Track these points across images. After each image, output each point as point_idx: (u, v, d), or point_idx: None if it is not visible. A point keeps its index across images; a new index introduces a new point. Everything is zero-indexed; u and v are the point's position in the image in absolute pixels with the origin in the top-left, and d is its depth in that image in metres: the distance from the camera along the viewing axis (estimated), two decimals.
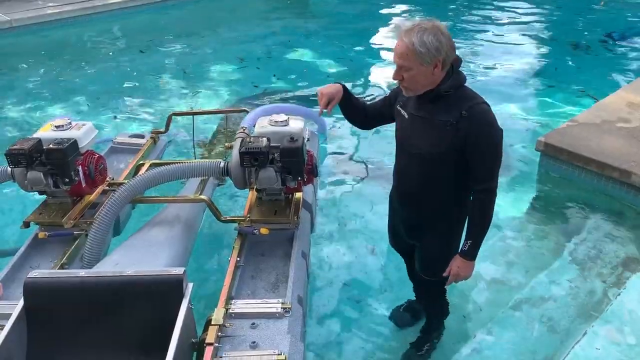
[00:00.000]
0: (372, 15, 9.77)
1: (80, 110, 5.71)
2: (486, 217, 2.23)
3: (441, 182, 2.24)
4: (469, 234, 2.28)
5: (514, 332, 2.95)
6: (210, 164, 2.59)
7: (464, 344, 2.89)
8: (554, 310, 3.07)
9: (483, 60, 7.26)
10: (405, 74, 2.07)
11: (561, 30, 8.66)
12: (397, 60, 2.06)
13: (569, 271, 3.37)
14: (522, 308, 3.10)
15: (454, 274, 2.33)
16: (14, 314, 1.81)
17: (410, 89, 2.12)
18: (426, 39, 1.98)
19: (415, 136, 2.22)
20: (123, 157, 3.43)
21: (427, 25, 2.02)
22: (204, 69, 7.01)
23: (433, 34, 2.00)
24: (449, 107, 2.10)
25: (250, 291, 2.24)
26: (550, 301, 3.14)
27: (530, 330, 2.95)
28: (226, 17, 9.29)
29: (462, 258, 2.30)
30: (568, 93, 6.15)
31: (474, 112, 2.07)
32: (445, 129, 2.09)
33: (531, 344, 2.87)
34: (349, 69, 7.10)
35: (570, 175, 4.27)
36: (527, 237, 3.73)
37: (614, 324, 2.92)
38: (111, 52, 7.59)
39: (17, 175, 2.47)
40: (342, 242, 3.66)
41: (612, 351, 2.75)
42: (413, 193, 2.35)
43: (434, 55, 2.00)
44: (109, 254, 2.35)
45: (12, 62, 7.08)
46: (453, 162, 2.16)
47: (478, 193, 2.21)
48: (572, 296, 3.18)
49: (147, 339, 1.83)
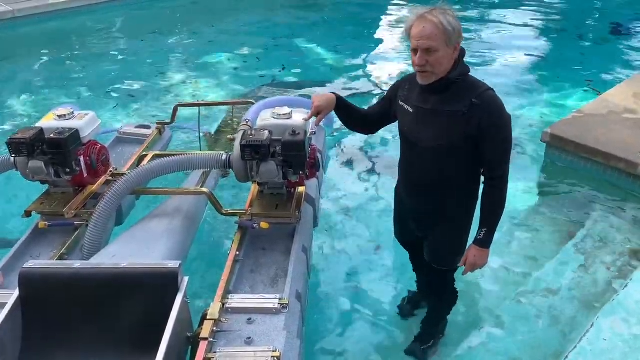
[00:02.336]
0: (377, 5, 9.69)
1: (83, 100, 5.73)
2: (500, 204, 2.21)
3: (451, 172, 2.21)
4: (483, 221, 2.24)
5: (521, 324, 2.94)
6: (212, 156, 2.56)
7: (470, 336, 2.88)
8: (560, 302, 3.07)
9: (487, 51, 7.23)
10: (431, 57, 2.03)
11: (567, 21, 8.60)
12: (425, 42, 2.01)
13: (575, 262, 3.37)
14: (528, 299, 3.09)
15: (470, 263, 2.30)
16: (9, 304, 1.81)
17: (434, 73, 2.07)
18: (451, 20, 2.01)
19: (423, 129, 2.18)
20: (129, 147, 3.42)
21: (445, 8, 2.03)
22: (208, 60, 7.01)
23: (452, 16, 2.03)
24: (457, 97, 2.07)
25: (248, 286, 2.22)
26: (556, 292, 3.13)
27: (537, 322, 2.95)
28: (230, 7, 9.24)
29: (478, 247, 2.27)
30: (573, 84, 6.13)
31: (484, 99, 2.05)
32: (456, 119, 2.07)
33: (538, 336, 2.87)
34: (352, 60, 7.05)
35: (576, 166, 4.26)
36: (533, 228, 3.72)
37: (620, 315, 2.91)
38: (114, 42, 7.61)
39: (19, 164, 2.47)
40: (347, 235, 3.63)
41: (618, 343, 2.74)
42: (423, 185, 2.31)
43: (458, 36, 2.03)
44: (107, 246, 2.34)
45: (15, 52, 7.11)
46: (463, 152, 2.14)
47: (491, 180, 2.19)
48: (578, 287, 3.17)
49: (142, 332, 1.81)
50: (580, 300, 3.08)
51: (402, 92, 2.25)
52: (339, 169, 4.50)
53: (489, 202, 2.22)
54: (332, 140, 4.80)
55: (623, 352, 2.69)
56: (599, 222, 3.73)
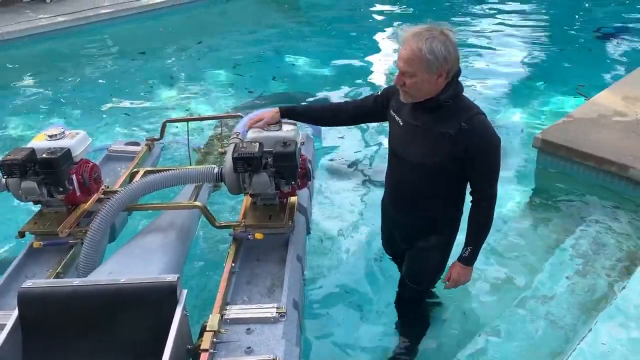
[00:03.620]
0: (364, 17, 9.80)
1: (73, 119, 5.71)
2: (487, 224, 2.23)
3: (435, 191, 2.23)
4: (469, 240, 2.27)
5: (518, 330, 2.94)
6: (204, 170, 2.58)
7: (468, 343, 2.87)
8: (557, 307, 3.06)
9: (477, 57, 7.31)
10: (408, 80, 2.02)
11: (553, 27, 8.71)
12: (402, 65, 2.01)
13: (571, 267, 3.36)
14: (525, 305, 3.08)
15: (454, 280, 2.33)
16: (9, 324, 1.81)
17: (411, 95, 2.08)
18: (435, 47, 1.94)
19: (410, 145, 2.19)
20: (119, 164, 3.42)
21: (436, 32, 1.96)
22: (197, 76, 7.03)
23: (442, 43, 1.95)
24: (447, 118, 2.07)
25: (245, 297, 2.24)
26: (553, 298, 3.12)
27: (534, 328, 2.94)
28: (219, 23, 9.30)
29: (462, 264, 2.29)
30: (563, 90, 6.18)
31: (474, 123, 2.04)
32: (443, 140, 2.07)
33: (536, 342, 2.86)
34: (343, 72, 7.12)
35: (568, 171, 4.27)
36: (528, 234, 3.73)
37: (618, 319, 2.90)
38: (103, 61, 7.61)
39: (11, 186, 2.47)
40: (341, 246, 3.66)
41: (617, 346, 2.73)
42: (407, 201, 2.34)
43: (441, 64, 1.96)
44: (104, 263, 2.35)
45: (4, 75, 7.08)
46: (448, 173, 2.15)
47: (479, 201, 2.20)
48: (575, 292, 3.17)
49: (142, 347, 1.82)
50: (578, 305, 3.07)
51: (395, 102, 2.26)
52: (329, 177, 4.53)
53: (476, 222, 2.24)
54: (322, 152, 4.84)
55: (622, 355, 2.67)
56: (594, 226, 3.73)
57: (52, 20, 8.40)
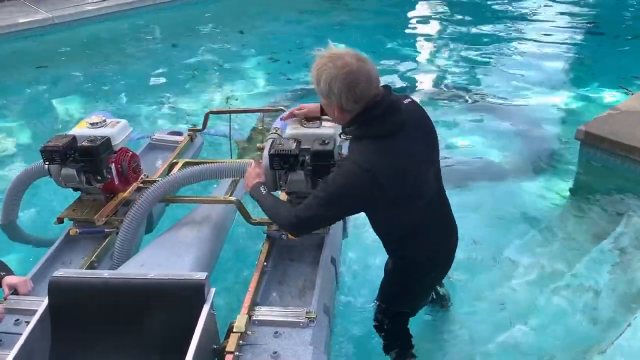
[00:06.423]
0: (408, 5, 9.60)
1: (117, 105, 5.80)
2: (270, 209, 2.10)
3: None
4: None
5: (554, 322, 2.86)
6: (240, 165, 2.55)
7: (502, 334, 2.80)
8: (595, 301, 2.99)
9: (518, 49, 7.12)
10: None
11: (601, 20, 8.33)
12: None
13: (611, 261, 3.27)
14: (562, 298, 3.02)
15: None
16: (39, 312, 1.82)
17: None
18: (324, 78, 1.80)
19: None
20: (161, 154, 3.44)
21: (334, 64, 1.79)
22: (239, 65, 7.00)
23: (330, 80, 1.79)
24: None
25: (276, 297, 2.19)
26: (591, 291, 3.05)
27: (571, 321, 2.87)
28: (260, 12, 9.27)
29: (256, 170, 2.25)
30: (608, 83, 5.94)
31: (340, 164, 1.92)
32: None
33: (571, 335, 2.79)
34: (382, 65, 6.95)
35: (612, 164, 4.13)
36: (568, 227, 3.65)
37: None
38: (147, 47, 7.70)
39: (52, 172, 2.51)
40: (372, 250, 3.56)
41: None
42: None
43: (328, 95, 1.84)
44: (137, 254, 2.35)
45: (55, 59, 7.27)
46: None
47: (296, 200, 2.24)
48: (614, 286, 3.08)
49: (168, 344, 1.79)
50: (616, 299, 2.98)
51: None
52: None
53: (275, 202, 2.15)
54: None
55: None
56: (636, 220, 3.60)
57: (98, 5, 8.58)
